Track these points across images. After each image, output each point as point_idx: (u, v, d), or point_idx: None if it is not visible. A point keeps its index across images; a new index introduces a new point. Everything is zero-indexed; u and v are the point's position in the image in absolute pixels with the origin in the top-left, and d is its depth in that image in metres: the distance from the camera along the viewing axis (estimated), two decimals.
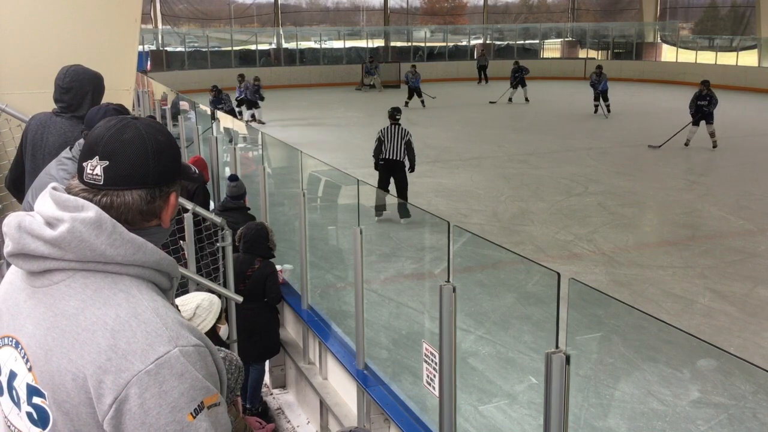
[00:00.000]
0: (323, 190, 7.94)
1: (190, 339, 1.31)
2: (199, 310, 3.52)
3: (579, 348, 4.70)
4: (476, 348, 5.70)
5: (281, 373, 6.16)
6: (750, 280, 7.57)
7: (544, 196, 11.26)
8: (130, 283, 1.34)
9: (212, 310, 3.57)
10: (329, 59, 32.64)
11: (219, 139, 8.68)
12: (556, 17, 39.86)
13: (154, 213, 1.42)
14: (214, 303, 3.61)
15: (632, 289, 7.34)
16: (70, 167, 3.01)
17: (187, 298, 3.61)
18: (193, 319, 3.54)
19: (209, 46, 31.01)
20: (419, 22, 38.02)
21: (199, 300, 3.55)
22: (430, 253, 6.34)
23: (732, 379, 4.82)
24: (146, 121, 1.45)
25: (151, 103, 13.75)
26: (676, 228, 9.79)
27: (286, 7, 35.84)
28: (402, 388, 4.46)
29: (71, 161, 3.03)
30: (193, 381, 1.27)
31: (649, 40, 35.14)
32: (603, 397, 5.08)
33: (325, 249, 7.02)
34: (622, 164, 13.69)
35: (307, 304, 5.76)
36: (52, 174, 3.04)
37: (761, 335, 6.26)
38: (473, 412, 4.83)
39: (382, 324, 5.78)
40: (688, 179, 12.41)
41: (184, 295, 3.71)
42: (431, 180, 12.58)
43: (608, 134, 17.56)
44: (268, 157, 7.72)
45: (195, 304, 3.52)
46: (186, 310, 3.52)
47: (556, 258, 8.23)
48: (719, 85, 28.04)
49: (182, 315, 3.48)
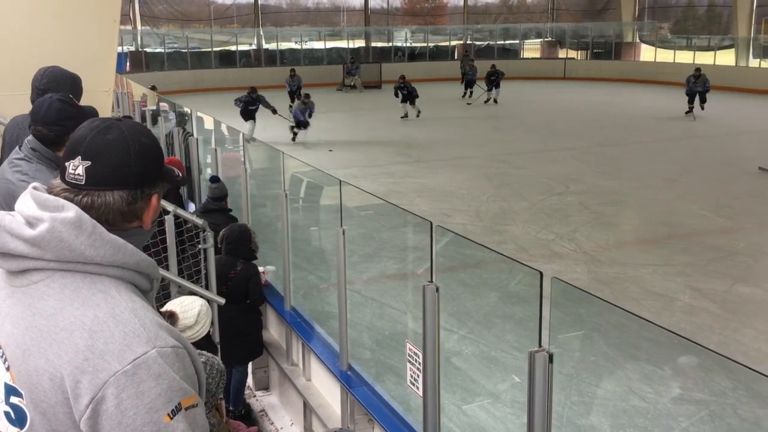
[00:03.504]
0: (305, 191, 7.92)
1: (168, 340, 1.31)
2: (201, 316, 3.57)
3: (561, 346, 4.72)
4: (459, 347, 5.71)
5: (264, 375, 6.14)
6: (730, 278, 7.64)
7: (526, 196, 11.31)
8: (109, 284, 1.33)
9: (209, 315, 3.62)
10: (310, 60, 32.58)
11: (200, 140, 8.64)
12: (535, 17, 40.06)
13: (135, 214, 1.42)
14: (209, 309, 3.66)
15: (613, 287, 7.39)
16: (24, 168, 2.88)
17: (186, 303, 3.63)
18: (195, 325, 3.55)
19: (189, 46, 30.84)
20: (400, 22, 38.05)
21: (199, 306, 3.60)
22: (412, 253, 6.33)
23: (712, 375, 4.86)
24: (130, 123, 1.46)
25: (131, 104, 13.65)
26: (657, 226, 9.86)
27: (266, 7, 35.73)
28: (386, 388, 4.46)
29: (25, 162, 2.90)
30: (171, 382, 1.27)
31: (627, 40, 35.42)
32: (585, 395, 5.11)
33: (307, 250, 7.00)
34: (602, 164, 13.78)
35: (290, 305, 5.75)
36: (8, 178, 2.90)
37: (741, 332, 6.32)
38: (457, 411, 4.83)
39: (366, 324, 5.77)
40: (668, 178, 12.51)
41: (179, 300, 3.72)
42: (413, 180, 12.60)
43: (589, 134, 17.67)
44: (250, 159, 7.69)
45: (197, 310, 3.56)
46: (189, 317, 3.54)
47: (538, 257, 8.27)
48: None
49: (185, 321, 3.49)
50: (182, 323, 3.48)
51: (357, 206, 7.61)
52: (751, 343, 6.07)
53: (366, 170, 13.43)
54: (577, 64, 34.37)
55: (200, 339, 3.61)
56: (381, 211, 7.80)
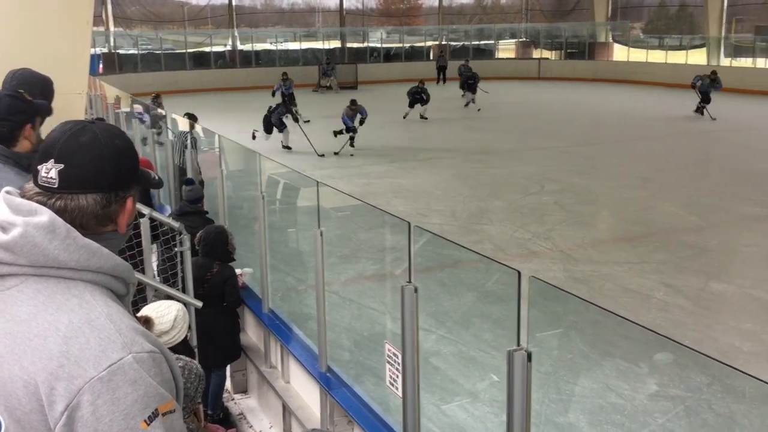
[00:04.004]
0: (282, 192, 7.89)
1: (144, 345, 1.30)
2: (177, 321, 3.52)
3: (539, 345, 4.75)
4: (438, 347, 5.72)
5: (242, 378, 6.10)
6: (703, 275, 7.74)
7: (502, 195, 11.36)
8: (84, 289, 1.32)
9: (186, 319, 3.58)
10: (285, 61, 32.45)
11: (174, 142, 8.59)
12: (510, 18, 40.27)
13: (110, 218, 1.41)
14: (186, 313, 3.62)
15: (589, 285, 7.45)
16: None
17: (162, 309, 3.58)
18: (171, 330, 3.51)
19: (163, 48, 30.60)
20: (375, 23, 38.06)
21: (175, 311, 3.55)
22: (390, 253, 6.33)
23: (688, 371, 4.92)
24: (104, 125, 1.44)
25: (104, 106, 13.52)
26: (631, 225, 9.96)
27: (241, 8, 35.55)
28: (365, 389, 4.46)
29: None
30: (147, 388, 1.26)
31: (601, 40, 35.73)
32: (563, 392, 5.14)
33: (285, 252, 6.98)
34: (577, 163, 13.88)
35: (268, 307, 5.72)
36: None
37: (715, 328, 6.41)
38: (436, 411, 4.85)
39: (344, 326, 5.76)
40: (642, 177, 12.64)
41: (155, 305, 3.68)
42: (389, 180, 12.61)
43: (563, 134, 17.80)
44: (227, 161, 7.65)
45: (173, 315, 3.51)
46: (165, 322, 3.50)
47: (515, 256, 8.31)
48: (670, 83, 28.74)
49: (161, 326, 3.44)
50: (158, 328, 3.44)
51: (334, 207, 7.60)
52: (725, 339, 6.15)
53: (342, 171, 13.42)
54: (552, 64, 34.62)
55: (177, 344, 3.58)
56: (358, 211, 7.81)
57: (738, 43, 31.26)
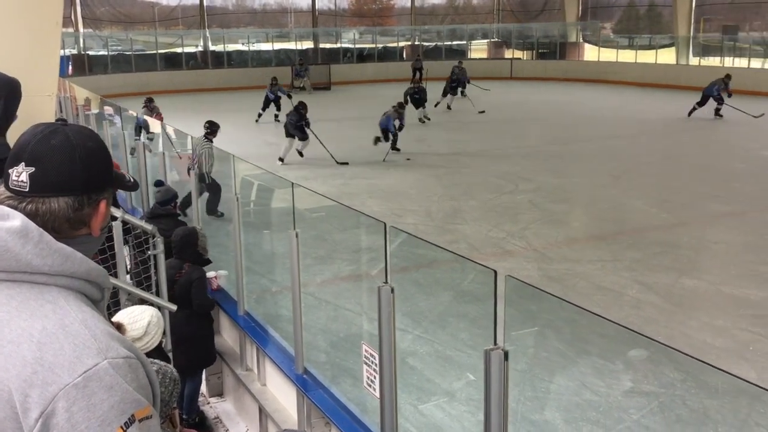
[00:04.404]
0: (256, 193, 7.86)
1: (120, 351, 1.28)
2: (150, 327, 3.47)
3: (515, 343, 4.78)
4: (414, 347, 5.73)
5: (218, 382, 6.06)
6: (674, 271, 7.84)
7: (476, 195, 11.41)
8: (58, 294, 1.30)
9: (160, 325, 3.52)
10: (258, 61, 32.30)
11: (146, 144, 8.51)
12: (481, 18, 40.47)
13: (83, 221, 1.39)
14: (160, 318, 3.57)
15: (564, 283, 7.50)
16: None
17: (135, 313, 3.53)
18: (144, 336, 3.47)
19: (133, 49, 30.29)
20: (348, 23, 38.04)
21: (149, 316, 3.50)
22: (366, 254, 6.34)
23: (661, 368, 4.98)
24: (76, 128, 1.42)
25: (74, 108, 13.36)
26: (604, 223, 10.06)
27: (212, 9, 35.31)
28: (342, 390, 4.45)
29: None
30: (124, 394, 1.24)
31: (572, 40, 36.05)
32: (539, 390, 5.18)
33: (259, 253, 6.95)
34: (550, 162, 13.98)
35: (243, 309, 5.69)
36: None
37: (687, 324, 6.49)
38: (413, 411, 4.85)
39: (320, 327, 5.75)
40: (614, 175, 12.77)
41: (129, 310, 3.63)
42: (364, 181, 12.60)
43: (536, 133, 17.94)
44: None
45: (146, 321, 3.46)
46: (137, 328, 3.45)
47: (490, 255, 8.35)
48: (640, 82, 29.09)
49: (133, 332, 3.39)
50: (130, 335, 3.39)
51: (308, 208, 7.59)
52: (697, 335, 6.23)
53: (317, 172, 13.38)
54: (524, 64, 34.84)
55: (151, 350, 3.54)
56: (333, 212, 7.81)
57: (706, 42, 31.72)
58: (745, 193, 11.33)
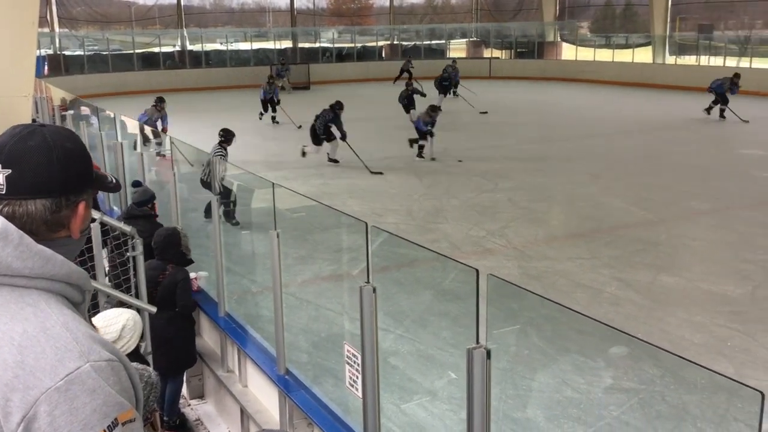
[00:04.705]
0: (236, 194, 7.82)
1: (102, 353, 1.27)
2: (125, 331, 3.42)
3: (497, 341, 4.80)
4: (396, 347, 5.74)
5: (199, 383, 6.03)
6: (653, 268, 7.91)
7: (457, 194, 11.44)
8: (39, 297, 1.29)
9: (137, 329, 3.48)
10: (236, 61, 32.18)
11: (125, 144, 8.44)
12: (460, 17, 40.60)
13: (61, 223, 1.37)
14: (138, 321, 3.52)
15: (543, 281, 7.54)
16: None
17: (110, 317, 3.49)
18: (119, 340, 3.43)
19: (110, 49, 30.03)
20: (326, 23, 38.00)
21: (124, 320, 3.45)
22: (347, 254, 6.33)
23: (641, 364, 5.02)
24: (54, 128, 1.40)
25: (50, 109, 13.23)
26: (583, 220, 10.13)
27: (190, 8, 35.12)
28: (324, 391, 4.45)
29: None
30: (106, 397, 1.23)
31: (549, 40, 36.26)
32: (520, 388, 5.20)
33: (240, 254, 6.93)
34: (529, 160, 14.06)
35: (224, 311, 5.67)
36: None
37: (666, 320, 6.55)
38: (396, 410, 4.85)
39: (301, 327, 5.74)
40: (592, 173, 12.86)
41: (103, 314, 3.59)
42: (345, 181, 12.59)
43: (515, 132, 18.02)
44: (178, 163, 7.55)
45: (120, 324, 3.42)
46: (111, 332, 3.41)
47: (470, 254, 8.37)
48: (617, 81, 29.33)
49: (107, 336, 3.35)
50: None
51: (289, 208, 7.57)
52: (676, 331, 6.29)
53: (297, 172, 13.35)
54: (502, 64, 34.99)
55: (129, 354, 3.51)
56: (314, 212, 7.79)
57: (682, 41, 32.05)
58: (723, 191, 11.47)
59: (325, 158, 14.09)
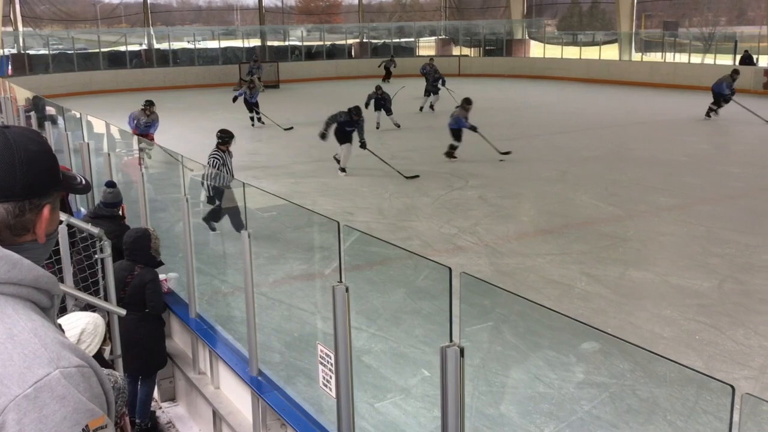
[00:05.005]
0: (206, 194, 7.76)
1: (72, 359, 1.25)
2: (84, 335, 3.33)
3: (469, 339, 4.82)
4: (369, 345, 5.73)
5: (170, 386, 5.97)
6: (622, 263, 8.00)
7: (428, 191, 11.47)
8: (5, 303, 1.26)
9: (98, 333, 3.39)
10: (204, 60, 31.93)
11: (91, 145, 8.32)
12: (429, 15, 40.70)
13: (26, 227, 1.35)
14: (99, 325, 3.43)
15: (515, 278, 7.59)
16: None
17: (70, 321, 3.41)
18: (78, 345, 3.36)
19: (75, 48, 29.60)
20: (295, 21, 37.84)
21: (83, 324, 3.36)
22: (319, 253, 6.32)
23: (611, 359, 5.07)
24: (18, 130, 1.37)
25: (14, 109, 12.99)
26: (552, 217, 10.21)
27: (156, 6, 34.75)
28: (297, 391, 4.43)
29: None
30: (77, 404, 1.21)
31: (517, 37, 36.51)
32: (493, 384, 5.23)
33: (210, 254, 6.87)
34: (498, 157, 14.12)
35: (195, 312, 5.61)
36: None
37: (635, 315, 6.62)
38: (369, 409, 4.85)
39: (274, 327, 5.71)
40: (561, 170, 12.97)
41: (63, 318, 3.52)
42: (316, 180, 12.55)
43: (484, 128, 18.05)
44: (147, 164, 7.47)
45: (80, 328, 3.33)
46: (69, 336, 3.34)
47: (442, 251, 8.40)
48: (584, 78, 29.62)
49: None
50: None
51: (260, 208, 7.53)
52: (645, 325, 6.37)
53: (268, 171, 13.28)
54: (471, 61, 35.15)
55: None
56: (285, 212, 7.76)
57: (647, 38, 32.48)
58: (689, 186, 11.63)
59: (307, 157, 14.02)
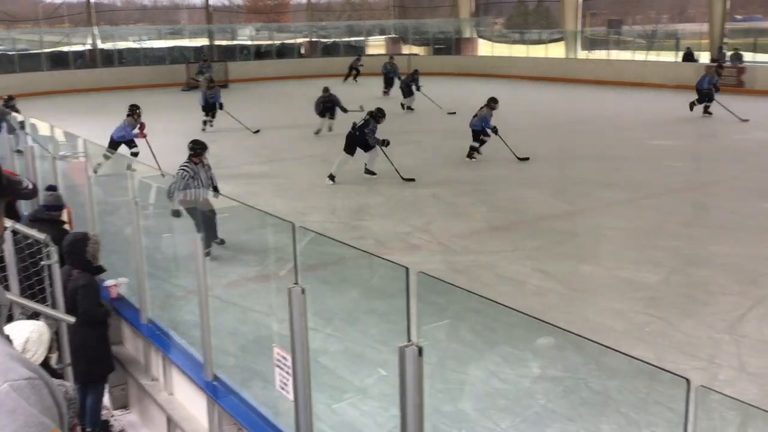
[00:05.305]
0: (155, 197, 7.61)
1: (21, 372, 1.21)
2: (29, 344, 3.23)
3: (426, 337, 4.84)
4: (325, 346, 5.70)
5: (122, 393, 5.85)
6: (573, 258, 8.12)
7: (381, 190, 11.48)
8: None
9: (43, 341, 3.28)
10: (151, 60, 31.36)
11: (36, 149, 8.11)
12: (378, 14, 40.74)
13: None
14: (44, 333, 3.32)
15: (468, 275, 7.64)
16: None
17: (13, 330, 3.30)
18: (23, 354, 3.26)
19: (16, 48, 28.80)
20: (243, 20, 37.48)
21: (27, 333, 3.25)
22: (273, 254, 6.26)
23: (565, 353, 5.14)
24: None
25: None
26: (504, 213, 10.31)
27: (100, 5, 34.07)
28: (253, 394, 4.38)
29: None
30: (27, 417, 1.17)
31: (466, 36, 36.79)
32: (449, 382, 5.25)
33: (161, 258, 6.75)
34: (451, 155, 14.22)
35: (146, 317, 5.51)
36: None
37: (587, 309, 6.73)
38: (326, 410, 4.83)
39: (228, 330, 5.63)
40: (513, 167, 13.11)
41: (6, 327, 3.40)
42: (268, 180, 12.45)
43: (435, 127, 18.19)
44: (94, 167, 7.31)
45: (24, 338, 3.22)
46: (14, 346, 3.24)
47: (396, 250, 8.41)
48: (532, 76, 30.00)
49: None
50: None
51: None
52: (596, 319, 6.48)
53: (220, 172, 13.04)
54: (421, 60, 35.23)
55: None
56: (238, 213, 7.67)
57: (593, 36, 33.07)
58: (636, 181, 11.87)
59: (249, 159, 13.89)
